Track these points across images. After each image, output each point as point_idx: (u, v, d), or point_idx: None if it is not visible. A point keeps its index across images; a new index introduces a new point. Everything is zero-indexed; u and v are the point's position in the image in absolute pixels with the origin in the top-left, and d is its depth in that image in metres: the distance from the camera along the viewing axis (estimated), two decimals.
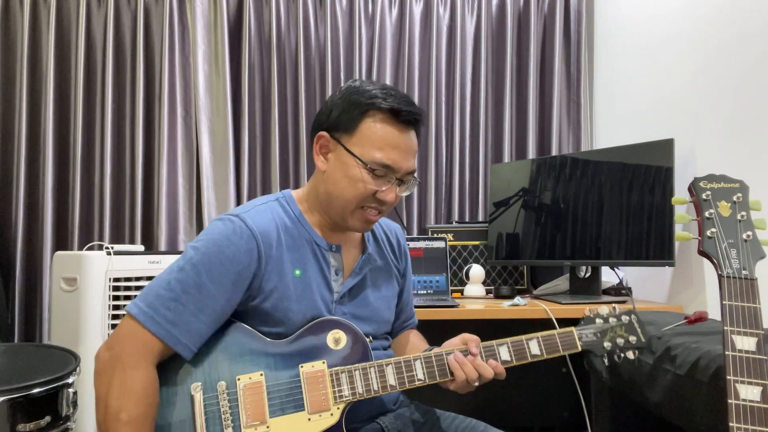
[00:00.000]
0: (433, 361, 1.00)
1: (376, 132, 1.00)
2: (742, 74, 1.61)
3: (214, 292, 0.94)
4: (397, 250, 1.23)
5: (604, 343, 1.03)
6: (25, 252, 2.32)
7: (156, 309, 0.92)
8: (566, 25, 2.57)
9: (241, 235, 0.97)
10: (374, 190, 1.01)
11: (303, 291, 1.02)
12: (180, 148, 2.42)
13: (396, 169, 1.01)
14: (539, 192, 2.03)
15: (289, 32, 2.50)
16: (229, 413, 0.93)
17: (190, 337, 0.93)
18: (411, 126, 1.03)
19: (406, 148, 1.02)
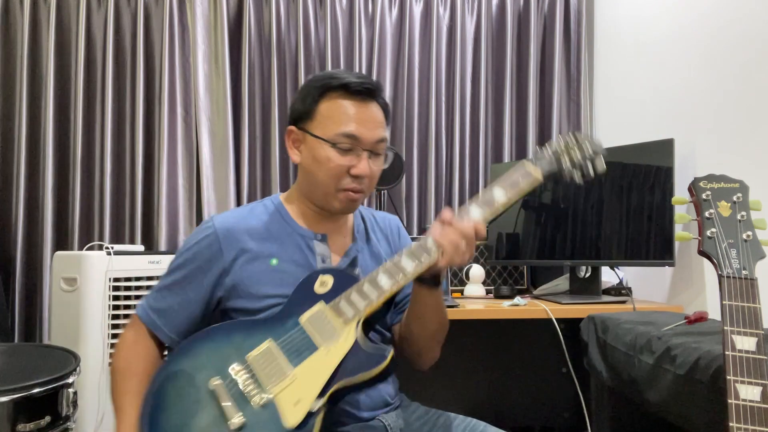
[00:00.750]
0: (415, 247, 0.99)
1: (333, 109, 1.03)
2: (742, 74, 1.61)
3: (186, 288, 1.06)
4: (391, 239, 1.22)
5: (564, 164, 1.02)
6: (25, 252, 2.32)
7: (151, 303, 1.09)
8: (566, 25, 2.57)
9: (205, 232, 1.07)
10: (346, 166, 1.02)
11: (280, 278, 1.04)
12: (180, 148, 2.42)
13: (360, 138, 1.02)
14: (539, 192, 2.03)
15: (289, 32, 2.50)
16: (252, 385, 0.93)
17: (166, 322, 1.06)
18: (367, 97, 1.04)
19: (367, 117, 1.04)
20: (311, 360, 0.95)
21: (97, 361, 1.88)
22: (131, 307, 1.96)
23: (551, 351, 1.92)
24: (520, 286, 2.19)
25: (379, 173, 1.09)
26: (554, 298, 1.89)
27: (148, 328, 1.06)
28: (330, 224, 1.12)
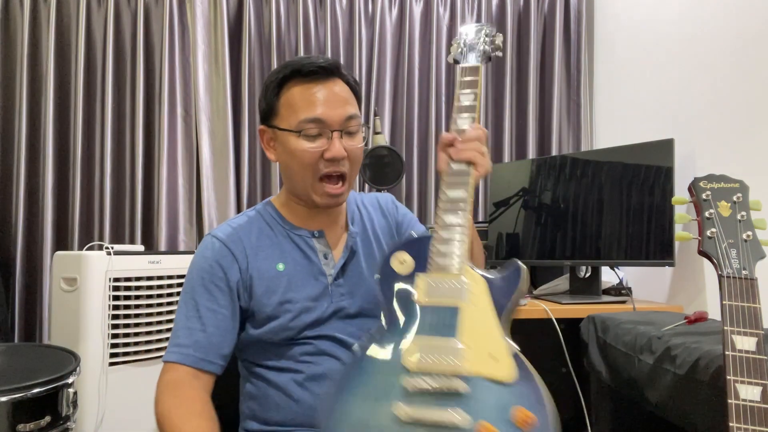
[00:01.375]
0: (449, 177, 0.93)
1: (292, 98, 1.00)
2: (742, 74, 1.61)
3: (210, 304, 1.01)
4: (387, 213, 1.19)
5: (483, 47, 1.08)
6: (25, 252, 2.32)
7: (174, 344, 1.01)
8: (566, 25, 2.57)
9: (212, 247, 1.04)
10: (318, 152, 0.98)
11: (288, 282, 1.03)
12: (180, 148, 2.42)
13: (326, 120, 0.98)
14: (539, 192, 2.03)
15: (289, 32, 2.50)
16: (440, 382, 0.76)
17: (205, 352, 0.99)
18: (325, 77, 1.00)
19: (327, 96, 0.99)
20: (465, 320, 0.82)
21: (97, 361, 1.88)
22: (131, 307, 1.96)
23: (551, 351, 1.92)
24: None
25: (360, 152, 1.05)
26: (554, 298, 1.89)
27: (189, 366, 0.96)
28: (324, 218, 1.09)
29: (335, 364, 1.01)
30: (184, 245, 2.39)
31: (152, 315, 2.01)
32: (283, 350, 1.03)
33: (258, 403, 1.04)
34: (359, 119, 1.03)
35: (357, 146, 1.03)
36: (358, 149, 1.03)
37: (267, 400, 1.03)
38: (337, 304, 1.04)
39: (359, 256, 1.10)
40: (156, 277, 2.02)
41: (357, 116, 1.02)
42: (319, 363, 1.01)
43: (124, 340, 1.94)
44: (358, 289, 1.07)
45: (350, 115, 1.00)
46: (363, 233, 1.13)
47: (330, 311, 1.03)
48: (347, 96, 1.02)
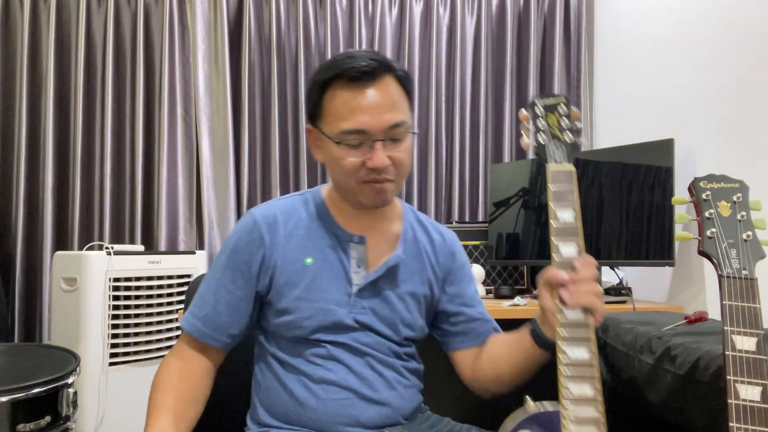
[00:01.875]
0: (566, 330, 0.78)
1: (335, 103, 0.94)
2: (742, 74, 1.61)
3: (228, 285, 1.01)
4: (440, 251, 1.11)
5: (563, 138, 0.90)
6: (25, 252, 2.32)
7: (190, 310, 1.04)
8: (566, 25, 2.57)
9: (245, 227, 1.02)
10: (359, 162, 0.93)
11: (313, 280, 1.00)
12: (180, 148, 2.42)
13: (368, 131, 0.92)
14: (539, 192, 2.03)
15: (289, 32, 2.50)
16: None
17: (212, 328, 1.01)
18: (368, 80, 0.93)
19: (372, 104, 0.92)
20: None
21: (97, 361, 1.88)
22: (131, 307, 1.97)
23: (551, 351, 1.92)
24: (520, 286, 2.19)
25: (407, 158, 0.98)
26: None
27: (195, 338, 1.02)
28: (371, 224, 1.04)
29: (345, 372, 0.99)
30: (184, 245, 2.39)
31: (152, 315, 2.01)
32: (295, 347, 1.02)
33: (263, 395, 1.04)
34: (406, 125, 0.96)
35: (402, 153, 0.96)
36: (403, 156, 0.97)
37: (270, 393, 1.02)
38: (356, 315, 1.01)
39: (395, 280, 1.04)
40: (156, 277, 2.02)
41: (403, 122, 0.95)
42: (328, 368, 0.99)
43: (124, 340, 1.94)
44: (381, 310, 1.03)
45: (396, 123, 0.94)
46: (409, 259, 1.06)
47: (348, 320, 1.00)
48: (394, 99, 0.95)
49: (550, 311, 0.84)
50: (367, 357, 1.01)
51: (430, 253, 1.10)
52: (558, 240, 0.82)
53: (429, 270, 1.09)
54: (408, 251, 1.07)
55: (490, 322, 1.13)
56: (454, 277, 1.12)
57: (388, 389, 1.01)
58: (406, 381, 1.05)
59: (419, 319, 1.08)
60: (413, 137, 1.00)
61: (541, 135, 0.91)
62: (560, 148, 0.89)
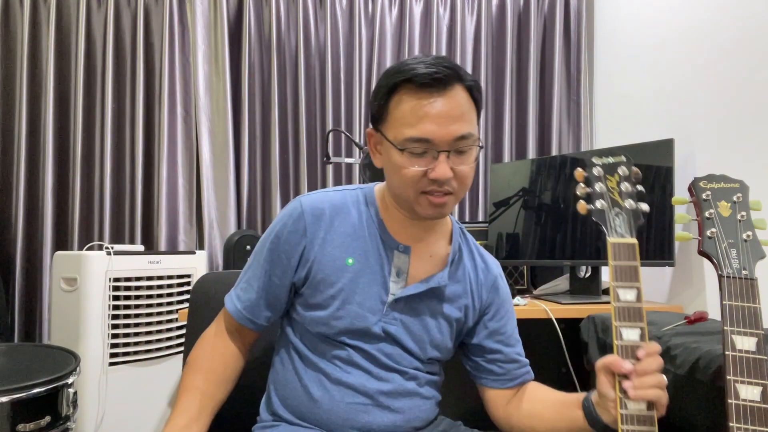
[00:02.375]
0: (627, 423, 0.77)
1: (401, 109, 0.90)
2: (742, 74, 1.61)
3: (270, 270, 1.01)
4: (483, 283, 1.08)
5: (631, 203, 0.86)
6: (25, 252, 2.32)
7: (235, 292, 1.06)
8: (566, 25, 2.57)
9: (291, 214, 1.01)
10: (421, 171, 0.90)
11: (351, 281, 0.98)
12: (180, 148, 2.42)
13: (433, 141, 0.88)
14: (539, 192, 2.03)
15: (289, 32, 2.50)
16: None
17: (252, 312, 1.03)
18: (439, 88, 0.89)
19: (440, 113, 0.88)
20: None
21: (97, 361, 1.88)
22: (131, 307, 1.97)
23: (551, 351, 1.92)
24: (520, 286, 2.19)
25: (471, 172, 0.93)
26: (554, 298, 1.89)
27: (236, 320, 1.04)
28: (419, 236, 1.02)
29: (365, 378, 0.98)
30: (184, 245, 2.39)
31: (152, 315, 2.01)
32: (318, 344, 1.01)
33: (280, 385, 1.04)
34: (473, 137, 0.92)
35: (467, 167, 0.92)
36: (468, 169, 0.92)
37: (287, 385, 1.02)
38: (385, 325, 0.99)
39: (434, 301, 1.02)
40: (156, 277, 2.02)
41: (470, 135, 0.91)
42: (348, 371, 0.98)
43: (124, 340, 1.94)
44: (412, 325, 1.01)
45: (462, 135, 0.89)
46: (452, 283, 1.04)
47: (376, 329, 0.99)
48: (464, 110, 0.91)
49: (610, 400, 0.82)
50: (389, 367, 1.00)
51: (473, 280, 1.07)
52: (620, 323, 0.77)
53: (469, 297, 1.06)
54: (452, 275, 1.04)
55: (526, 366, 1.11)
56: (496, 313, 1.09)
57: (405, 400, 1.00)
58: (425, 393, 1.04)
59: (449, 342, 1.05)
60: (479, 150, 0.97)
61: (599, 200, 0.84)
62: (621, 216, 0.83)
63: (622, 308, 0.76)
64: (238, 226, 2.45)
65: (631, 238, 0.81)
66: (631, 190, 0.84)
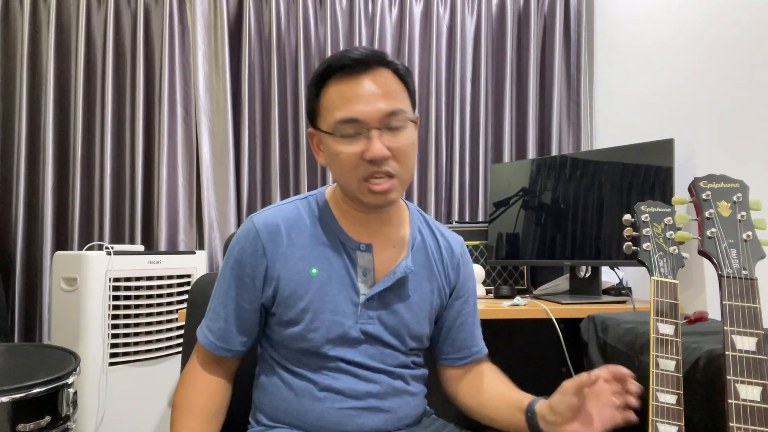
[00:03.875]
0: None
1: (330, 97, 0.92)
2: (742, 74, 1.61)
3: (235, 296, 1.00)
4: (449, 263, 1.08)
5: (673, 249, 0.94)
6: (25, 252, 2.32)
7: (205, 323, 1.05)
8: (566, 25, 2.57)
9: (247, 236, 0.99)
10: (357, 154, 0.89)
11: (318, 290, 0.97)
12: (180, 148, 2.42)
13: (362, 119, 0.88)
14: (539, 192, 2.03)
15: (289, 32, 2.50)
16: None
17: (225, 341, 1.01)
18: (362, 69, 0.90)
19: (366, 92, 0.89)
20: None
21: (97, 361, 1.88)
22: (131, 307, 1.97)
23: (551, 351, 1.92)
24: (520, 286, 2.19)
25: (409, 149, 0.93)
26: (554, 298, 1.89)
27: (211, 352, 1.02)
28: (378, 230, 1.01)
29: (353, 382, 0.98)
30: (184, 245, 2.39)
31: (152, 315, 2.01)
32: (301, 358, 1.00)
33: (268, 398, 1.02)
34: (405, 113, 0.91)
35: (404, 143, 0.91)
36: (405, 146, 0.92)
37: (275, 396, 1.01)
38: (363, 326, 0.98)
39: (404, 290, 1.01)
40: (156, 277, 2.02)
41: (401, 110, 0.91)
42: (335, 377, 0.98)
43: (124, 340, 1.94)
44: (389, 320, 1.00)
45: (392, 111, 0.89)
46: (418, 268, 1.03)
47: (354, 332, 0.98)
48: (391, 88, 0.91)
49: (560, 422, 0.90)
50: (375, 368, 0.99)
51: (438, 260, 1.06)
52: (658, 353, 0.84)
53: (439, 278, 1.06)
54: (416, 260, 1.03)
55: (479, 345, 1.14)
56: (459, 291, 1.09)
57: (394, 399, 1.00)
58: (413, 389, 1.04)
59: (427, 328, 1.05)
60: (416, 130, 0.97)
61: (645, 242, 0.93)
62: (665, 260, 0.91)
63: (660, 340, 0.82)
64: (238, 226, 2.44)
65: (674, 279, 0.88)
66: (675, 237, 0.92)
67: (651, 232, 0.93)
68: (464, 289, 1.10)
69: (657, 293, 0.85)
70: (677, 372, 0.79)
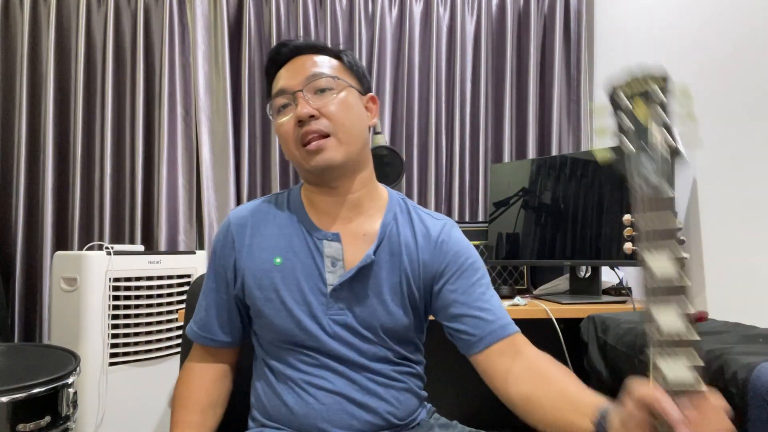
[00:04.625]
0: None
1: (272, 87, 1.02)
2: (742, 74, 1.61)
3: (214, 286, 1.05)
4: (424, 247, 1.01)
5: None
6: (25, 252, 2.32)
7: (192, 319, 1.08)
8: (566, 25, 2.57)
9: (222, 230, 1.05)
10: (290, 121, 0.96)
11: (282, 280, 0.97)
12: (180, 148, 2.42)
13: (287, 87, 0.96)
14: (539, 192, 2.03)
15: (289, 32, 2.50)
16: None
17: (208, 330, 1.05)
18: (292, 56, 0.99)
19: (290, 70, 0.98)
20: None
21: (97, 361, 1.88)
22: (131, 307, 1.97)
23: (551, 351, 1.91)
24: (520, 286, 2.19)
25: (342, 106, 0.95)
26: (554, 298, 1.89)
27: (200, 344, 1.06)
28: (348, 219, 1.00)
29: (333, 377, 0.97)
30: (184, 245, 2.39)
31: (152, 315, 2.01)
32: (279, 352, 1.00)
33: (257, 399, 1.03)
34: (331, 77, 0.96)
35: (333, 102, 0.94)
36: (336, 104, 0.94)
37: (262, 397, 1.02)
38: (333, 317, 0.96)
39: (370, 280, 0.98)
40: (156, 277, 2.02)
41: (323, 73, 0.95)
42: (315, 374, 0.97)
43: (124, 340, 1.94)
44: (359, 311, 0.97)
45: (314, 73, 0.95)
46: (386, 256, 0.99)
47: (325, 324, 0.96)
48: (314, 60, 0.97)
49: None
50: (353, 361, 0.97)
51: (409, 247, 1.00)
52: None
53: (407, 267, 0.99)
54: (387, 249, 0.99)
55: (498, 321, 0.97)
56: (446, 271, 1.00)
57: (377, 393, 0.98)
58: (399, 384, 1.01)
59: (403, 320, 0.99)
60: (358, 99, 1.00)
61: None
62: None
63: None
64: None
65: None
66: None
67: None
68: (452, 267, 1.00)
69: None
70: None
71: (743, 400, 0.92)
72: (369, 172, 1.04)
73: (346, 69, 1.01)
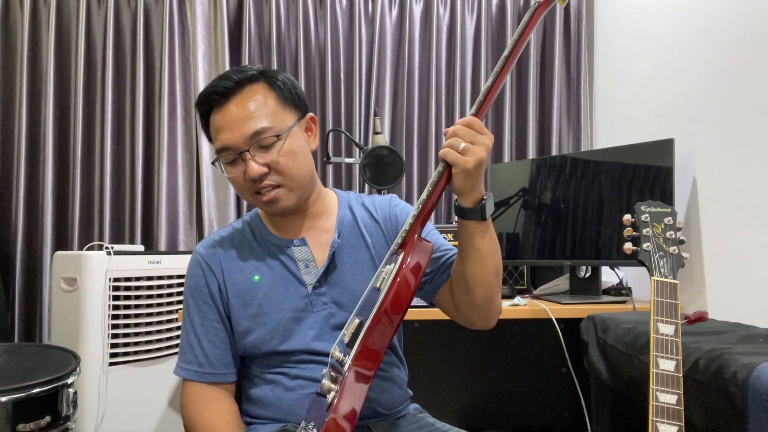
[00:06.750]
0: None
1: (211, 126, 1.00)
2: (742, 74, 1.61)
3: (202, 320, 1.04)
4: (381, 221, 1.09)
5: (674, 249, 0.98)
6: (25, 252, 2.32)
7: (181, 359, 1.05)
8: (566, 25, 2.57)
9: (195, 263, 1.06)
10: (240, 176, 0.97)
11: (265, 295, 1.02)
12: (180, 148, 2.42)
13: (231, 146, 0.96)
14: (539, 192, 2.03)
15: (289, 32, 2.50)
16: None
17: (209, 365, 1.03)
18: (229, 96, 0.97)
19: (229, 120, 0.96)
20: None
21: (97, 361, 1.88)
22: (131, 307, 1.97)
23: (551, 351, 1.92)
24: (520, 286, 2.19)
25: (288, 161, 0.97)
26: (554, 298, 1.89)
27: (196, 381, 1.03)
28: (307, 224, 1.07)
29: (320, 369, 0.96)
30: (184, 245, 2.39)
31: (152, 315, 2.01)
32: (268, 360, 1.04)
33: (248, 396, 1.06)
34: (272, 129, 0.95)
35: (281, 157, 0.96)
36: (283, 159, 0.96)
37: (253, 394, 1.05)
38: (319, 313, 1.02)
39: (343, 263, 1.04)
40: (156, 277, 2.02)
41: (265, 128, 0.95)
42: (303, 368, 1.01)
43: (124, 340, 1.94)
44: (342, 297, 1.03)
45: (256, 131, 0.94)
46: (351, 238, 1.06)
47: (314, 321, 1.01)
48: (256, 107, 0.96)
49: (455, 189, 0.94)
50: None
51: (370, 226, 1.08)
52: (658, 353, 0.88)
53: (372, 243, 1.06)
54: (345, 233, 1.06)
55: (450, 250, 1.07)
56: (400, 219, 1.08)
57: None
58: (383, 373, 1.05)
59: None
60: (301, 133, 1.02)
61: (645, 242, 0.98)
62: (665, 260, 0.96)
63: (660, 340, 0.89)
64: None
65: (674, 279, 0.95)
66: (675, 237, 0.98)
67: (651, 232, 0.99)
68: (401, 216, 1.10)
69: (657, 293, 0.94)
70: (677, 372, 0.87)
71: (743, 400, 0.92)
72: (317, 187, 1.09)
73: (279, 99, 0.99)
